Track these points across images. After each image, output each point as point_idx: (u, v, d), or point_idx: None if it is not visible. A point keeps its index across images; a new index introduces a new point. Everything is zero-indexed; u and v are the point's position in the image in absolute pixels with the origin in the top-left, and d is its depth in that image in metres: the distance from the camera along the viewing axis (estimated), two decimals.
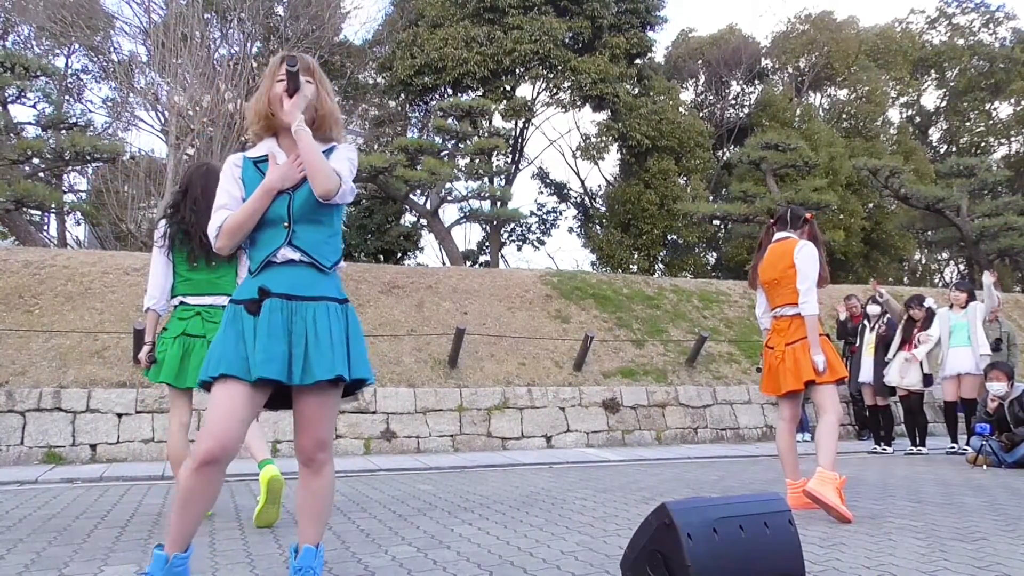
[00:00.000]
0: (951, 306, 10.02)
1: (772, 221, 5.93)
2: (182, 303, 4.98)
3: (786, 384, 5.48)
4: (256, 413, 2.96)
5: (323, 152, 2.95)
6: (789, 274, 5.47)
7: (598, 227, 30.48)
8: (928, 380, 9.88)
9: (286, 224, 2.91)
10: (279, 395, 2.97)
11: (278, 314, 2.85)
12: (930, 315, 10.02)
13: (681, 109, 30.13)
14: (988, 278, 9.91)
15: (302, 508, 3.02)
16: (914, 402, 10.06)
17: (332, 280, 2.98)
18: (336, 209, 3.01)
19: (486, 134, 23.75)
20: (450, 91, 26.01)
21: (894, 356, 10.04)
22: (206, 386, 2.90)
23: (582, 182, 34.30)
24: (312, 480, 2.99)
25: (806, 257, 5.45)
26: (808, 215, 5.84)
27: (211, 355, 2.89)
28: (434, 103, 26.05)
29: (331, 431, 3.02)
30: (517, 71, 26.37)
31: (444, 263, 24.63)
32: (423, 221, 24.87)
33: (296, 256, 2.91)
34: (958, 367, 9.57)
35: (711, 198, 28.64)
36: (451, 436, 10.01)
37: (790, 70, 34.59)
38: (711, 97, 34.99)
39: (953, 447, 9.65)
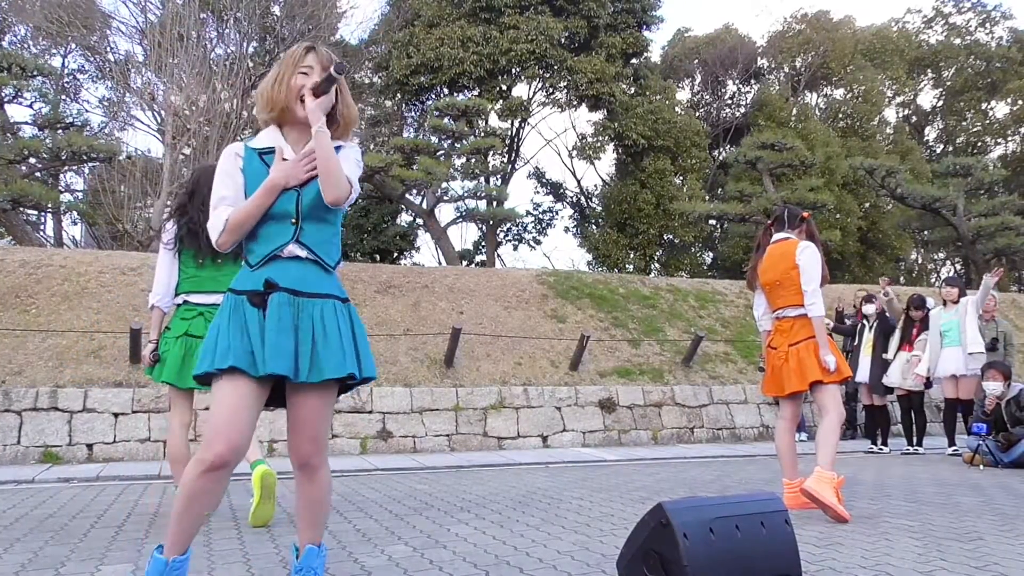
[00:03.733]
0: (944, 303, 9.97)
1: (770, 222, 5.91)
2: (185, 302, 4.99)
3: (790, 385, 5.46)
4: (260, 411, 2.87)
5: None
6: (792, 275, 5.45)
7: (594, 227, 30.49)
8: (928, 381, 9.86)
9: (294, 221, 2.81)
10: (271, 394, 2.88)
11: (287, 308, 2.76)
12: (928, 316, 10.02)
13: (677, 109, 30.17)
14: (989, 279, 9.84)
15: (301, 515, 2.95)
16: (915, 402, 10.06)
17: (335, 279, 2.92)
18: (342, 209, 2.93)
19: (482, 134, 23.73)
20: (446, 91, 26.01)
21: (895, 356, 10.03)
22: (206, 378, 2.78)
23: (578, 182, 34.20)
24: (308, 487, 2.90)
25: (809, 258, 5.44)
26: (805, 214, 5.84)
27: (214, 346, 2.75)
28: (430, 103, 26.02)
29: (328, 431, 2.96)
30: (513, 71, 26.36)
31: (440, 263, 24.62)
32: (419, 221, 24.90)
33: (303, 253, 2.82)
34: (951, 368, 9.51)
35: (707, 198, 28.65)
36: (447, 436, 10.01)
37: (786, 69, 34.61)
38: (707, 96, 35.02)
39: (955, 448, 9.56)
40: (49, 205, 16.79)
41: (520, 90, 28.37)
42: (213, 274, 4.97)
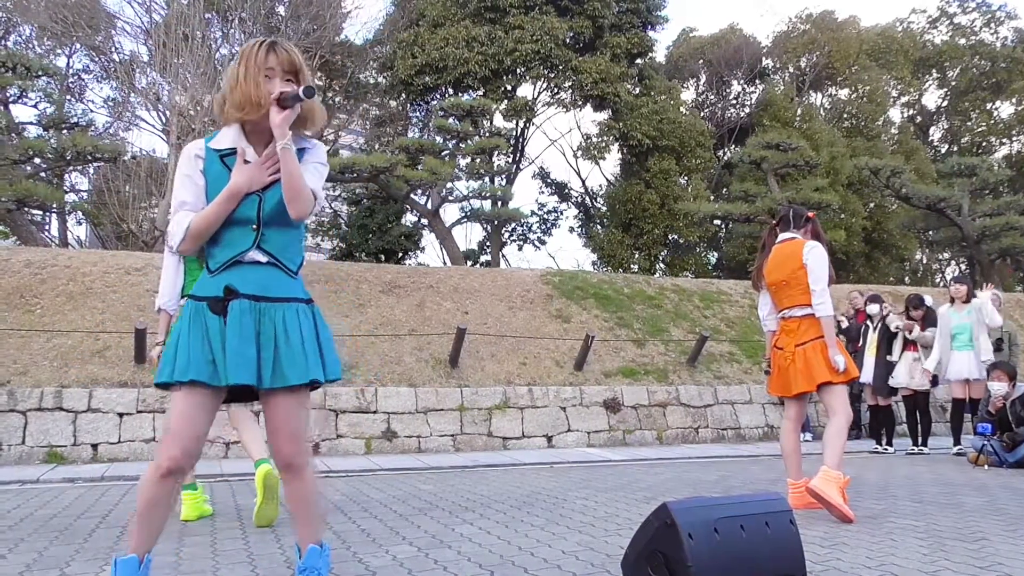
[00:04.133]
0: (952, 301, 9.92)
1: (775, 222, 5.90)
2: None
3: (797, 385, 5.45)
4: (216, 412, 2.89)
5: (296, 151, 2.80)
6: (799, 275, 5.43)
7: (599, 227, 30.48)
8: (934, 380, 9.83)
9: (255, 227, 2.79)
10: (236, 392, 2.88)
11: (248, 316, 2.74)
12: (930, 314, 9.99)
13: (682, 109, 30.14)
14: (984, 296, 9.79)
15: (295, 515, 2.97)
16: (921, 401, 10.03)
17: (298, 281, 2.89)
18: None
19: (487, 134, 23.75)
20: (451, 91, 26.01)
21: (899, 357, 10.00)
22: (165, 386, 2.79)
23: (583, 182, 34.37)
24: (296, 486, 2.91)
25: (817, 258, 5.42)
26: (810, 214, 5.82)
27: (174, 355, 2.75)
28: (435, 103, 26.07)
29: (306, 431, 2.94)
30: (518, 71, 26.37)
31: (445, 263, 24.62)
32: (424, 221, 24.88)
33: (263, 259, 2.81)
34: (964, 372, 9.47)
35: (712, 198, 28.62)
36: (452, 436, 10.01)
37: (791, 70, 34.58)
38: (712, 97, 34.97)
39: (960, 448, 9.52)
40: (54, 205, 16.84)
41: (525, 90, 28.43)
42: None
